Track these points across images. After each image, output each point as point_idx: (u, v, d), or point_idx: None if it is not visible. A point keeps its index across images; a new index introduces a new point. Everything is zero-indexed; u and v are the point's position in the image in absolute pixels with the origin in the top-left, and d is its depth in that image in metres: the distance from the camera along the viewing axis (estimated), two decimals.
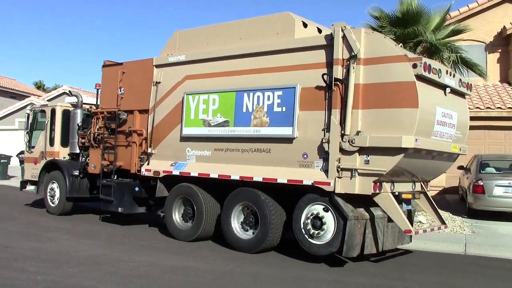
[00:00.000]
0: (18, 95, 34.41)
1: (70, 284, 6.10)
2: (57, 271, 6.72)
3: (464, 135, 8.26)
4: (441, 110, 7.30)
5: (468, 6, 19.27)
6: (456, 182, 16.23)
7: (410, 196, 7.67)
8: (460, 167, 14.69)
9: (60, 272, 6.63)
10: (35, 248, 8.13)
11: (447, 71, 7.43)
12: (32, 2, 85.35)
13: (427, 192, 8.41)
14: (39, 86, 46.28)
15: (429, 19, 12.30)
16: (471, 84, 8.32)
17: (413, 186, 8.08)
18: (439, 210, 8.68)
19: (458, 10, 19.14)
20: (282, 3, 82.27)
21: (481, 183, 12.10)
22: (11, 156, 22.61)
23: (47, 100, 29.04)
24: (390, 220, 7.75)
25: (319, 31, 8.51)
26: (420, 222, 10.70)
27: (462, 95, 8.22)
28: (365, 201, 7.43)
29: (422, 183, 8.34)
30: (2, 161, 22.16)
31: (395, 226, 7.61)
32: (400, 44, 8.07)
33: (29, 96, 32.34)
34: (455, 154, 8.14)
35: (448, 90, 7.49)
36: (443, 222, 8.31)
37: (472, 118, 16.30)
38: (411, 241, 8.75)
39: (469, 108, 16.26)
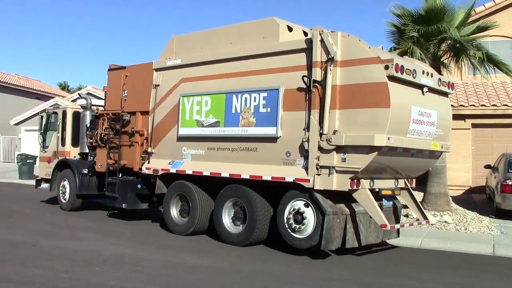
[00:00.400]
0: (43, 96, 35.51)
1: (96, 282, 6.18)
2: (83, 269, 6.81)
3: (447, 133, 8.46)
4: (417, 109, 7.55)
5: (494, 0, 18.78)
6: (483, 181, 15.99)
7: (389, 192, 7.96)
8: (487, 166, 14.46)
9: (86, 271, 6.73)
10: (61, 247, 8.30)
11: (423, 71, 7.67)
12: (56, 4, 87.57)
13: (411, 189, 8.64)
14: (64, 87, 47.48)
15: (453, 15, 12.16)
16: (452, 83, 8.51)
17: (396, 183, 8.35)
18: (422, 206, 8.90)
19: (484, 5, 18.66)
20: (298, 3, 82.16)
21: (510, 183, 11.82)
22: (37, 156, 23.56)
23: (71, 101, 29.99)
24: (388, 214, 8.13)
25: (305, 34, 8.81)
26: (446, 222, 10.75)
27: (444, 93, 8.43)
28: (347, 197, 7.76)
29: (406, 180, 8.59)
30: (28, 161, 23.09)
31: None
32: (381, 46, 8.32)
33: (53, 97, 33.29)
34: (437, 151, 8.37)
35: (425, 89, 7.74)
36: (425, 218, 8.56)
37: (499, 116, 16.52)
38: (398, 236, 9.01)
39: (496, 105, 16.42)
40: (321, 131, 7.44)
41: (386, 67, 6.97)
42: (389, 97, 6.93)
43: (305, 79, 7.64)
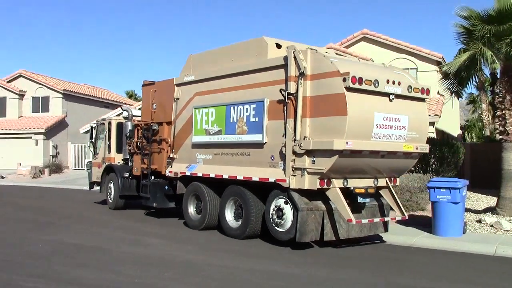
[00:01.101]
0: (111, 105, 37.88)
1: (165, 287, 6.46)
2: (153, 274, 7.02)
3: (422, 135, 9.13)
4: (382, 115, 8.36)
5: None
6: None
7: (362, 190, 8.81)
8: None
9: (156, 276, 6.94)
10: (132, 252, 8.60)
11: (388, 80, 8.43)
12: (123, 16, 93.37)
13: (391, 187, 9.37)
14: (131, 95, 49.92)
15: None
16: (427, 89, 9.14)
17: (375, 182, 9.16)
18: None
19: None
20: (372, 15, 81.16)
21: None
22: None
23: (138, 109, 32.28)
24: (358, 211, 9.02)
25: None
26: (507, 230, 10.43)
27: (418, 99, 9.09)
28: (326, 195, 8.72)
29: (388, 179, 9.37)
30: None
31: (370, 221, 8.98)
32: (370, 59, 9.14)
33: (121, 105, 36.00)
34: (413, 152, 9.07)
35: (392, 96, 8.51)
36: (402, 214, 9.27)
37: None
38: (387, 231, 9.77)
39: None
40: (294, 137, 8.49)
41: (344, 80, 7.89)
42: (346, 106, 7.84)
43: (282, 91, 8.72)
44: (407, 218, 9.40)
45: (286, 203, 8.78)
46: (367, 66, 9.21)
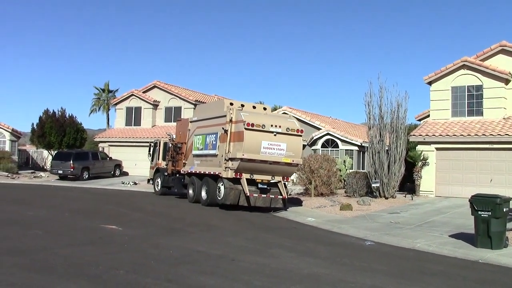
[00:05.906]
0: None
1: None
2: (280, 287, 7.12)
3: (297, 153, 17.20)
4: (267, 142, 16.64)
5: None
6: None
7: (260, 180, 17.06)
8: None
9: None
10: (259, 263, 8.71)
11: (272, 124, 16.71)
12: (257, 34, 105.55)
13: (283, 182, 17.43)
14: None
15: None
16: (301, 130, 17.27)
17: (273, 178, 17.34)
18: (284, 191, 17.59)
19: None
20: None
21: None
22: None
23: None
24: (263, 192, 17.22)
25: (242, 106, 18.39)
26: None
27: (295, 135, 17.20)
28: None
29: (282, 177, 17.48)
30: None
31: (267, 197, 17.07)
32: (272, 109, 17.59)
33: None
34: (291, 163, 17.16)
35: (274, 133, 16.77)
36: (284, 195, 17.30)
37: None
38: (284, 205, 17.78)
39: None
40: (227, 152, 17.06)
41: (243, 124, 16.35)
42: (244, 137, 16.30)
43: (223, 129, 17.37)
44: (286, 197, 17.48)
45: (222, 185, 17.35)
46: (263, 117, 17.33)
